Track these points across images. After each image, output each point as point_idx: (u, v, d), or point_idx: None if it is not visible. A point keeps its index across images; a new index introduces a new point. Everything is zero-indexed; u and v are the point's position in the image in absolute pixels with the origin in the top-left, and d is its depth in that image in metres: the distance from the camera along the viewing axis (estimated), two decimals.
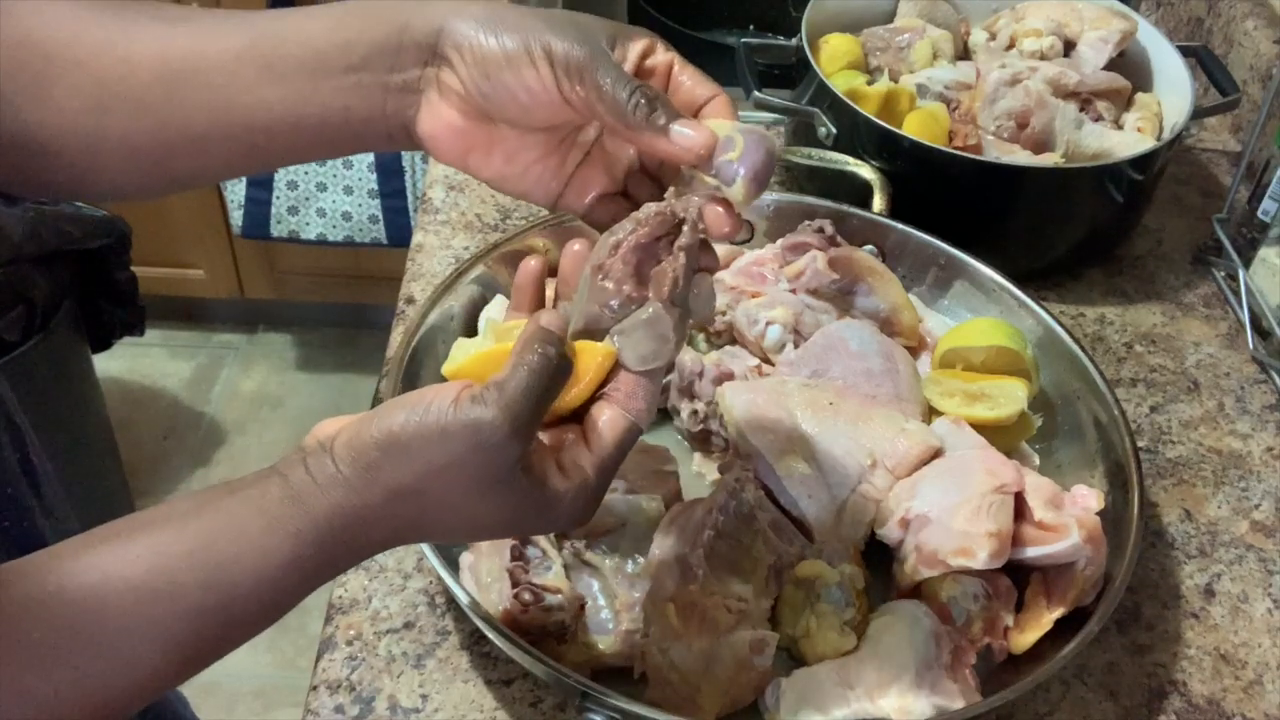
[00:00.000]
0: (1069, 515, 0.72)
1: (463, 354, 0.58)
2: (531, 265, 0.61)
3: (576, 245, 0.58)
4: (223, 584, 0.47)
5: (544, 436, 0.53)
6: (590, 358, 0.53)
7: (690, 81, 0.56)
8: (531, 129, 0.56)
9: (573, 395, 0.53)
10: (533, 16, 0.53)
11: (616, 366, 0.54)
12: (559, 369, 0.50)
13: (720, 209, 0.54)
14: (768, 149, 0.53)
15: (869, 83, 1.07)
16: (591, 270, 0.55)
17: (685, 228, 0.54)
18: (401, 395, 0.50)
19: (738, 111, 0.56)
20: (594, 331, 0.55)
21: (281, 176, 1.88)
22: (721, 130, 0.53)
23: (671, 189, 0.56)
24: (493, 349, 0.55)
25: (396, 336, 0.91)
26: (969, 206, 0.98)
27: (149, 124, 0.54)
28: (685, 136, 0.52)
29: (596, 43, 0.53)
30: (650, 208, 0.55)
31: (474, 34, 0.53)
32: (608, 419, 0.53)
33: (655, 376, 0.54)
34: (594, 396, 0.54)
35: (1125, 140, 1.03)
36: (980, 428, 0.78)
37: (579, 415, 0.54)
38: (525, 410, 0.48)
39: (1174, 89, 1.07)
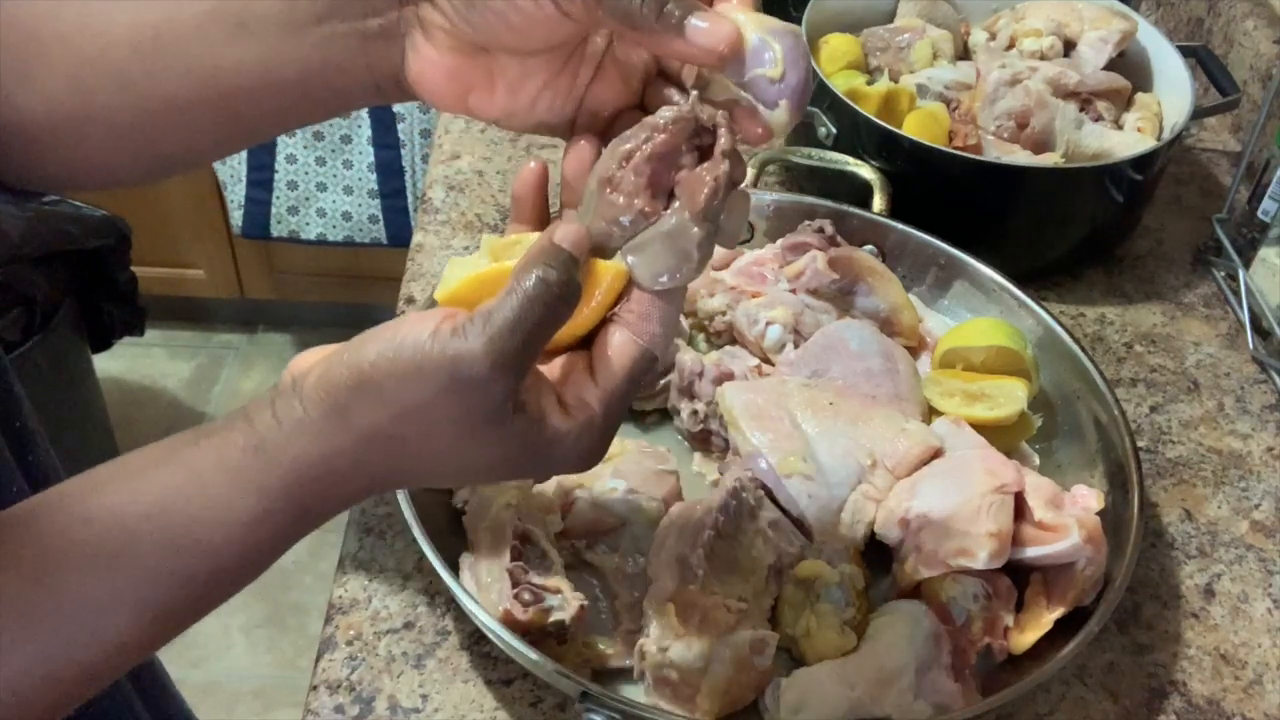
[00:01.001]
0: (1069, 515, 0.72)
1: (456, 276, 0.49)
2: (531, 169, 0.53)
3: (582, 142, 0.52)
4: (186, 544, 0.44)
5: (546, 369, 0.48)
6: (600, 276, 0.47)
7: None
8: (530, 52, 0.50)
9: (580, 319, 0.47)
10: None
11: (630, 287, 0.48)
12: (561, 296, 0.44)
13: (750, 113, 0.48)
14: (807, 58, 0.47)
15: (869, 83, 1.07)
16: (599, 183, 0.49)
17: (722, 132, 0.47)
18: (376, 327, 0.45)
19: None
20: (601, 250, 0.48)
21: (281, 176, 1.88)
22: (747, 27, 0.46)
23: (694, 94, 0.49)
24: (489, 269, 0.48)
25: None
26: (969, 206, 0.98)
27: (132, 99, 0.52)
28: (704, 32, 0.45)
29: None
30: (666, 112, 0.48)
31: None
32: (617, 344, 0.47)
33: (673, 298, 0.48)
34: (604, 320, 0.48)
35: (1125, 140, 1.03)
36: (980, 428, 0.78)
37: (587, 342, 0.48)
38: (513, 344, 0.43)
39: (1174, 89, 1.07)
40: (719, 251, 0.72)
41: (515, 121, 0.53)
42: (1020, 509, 0.72)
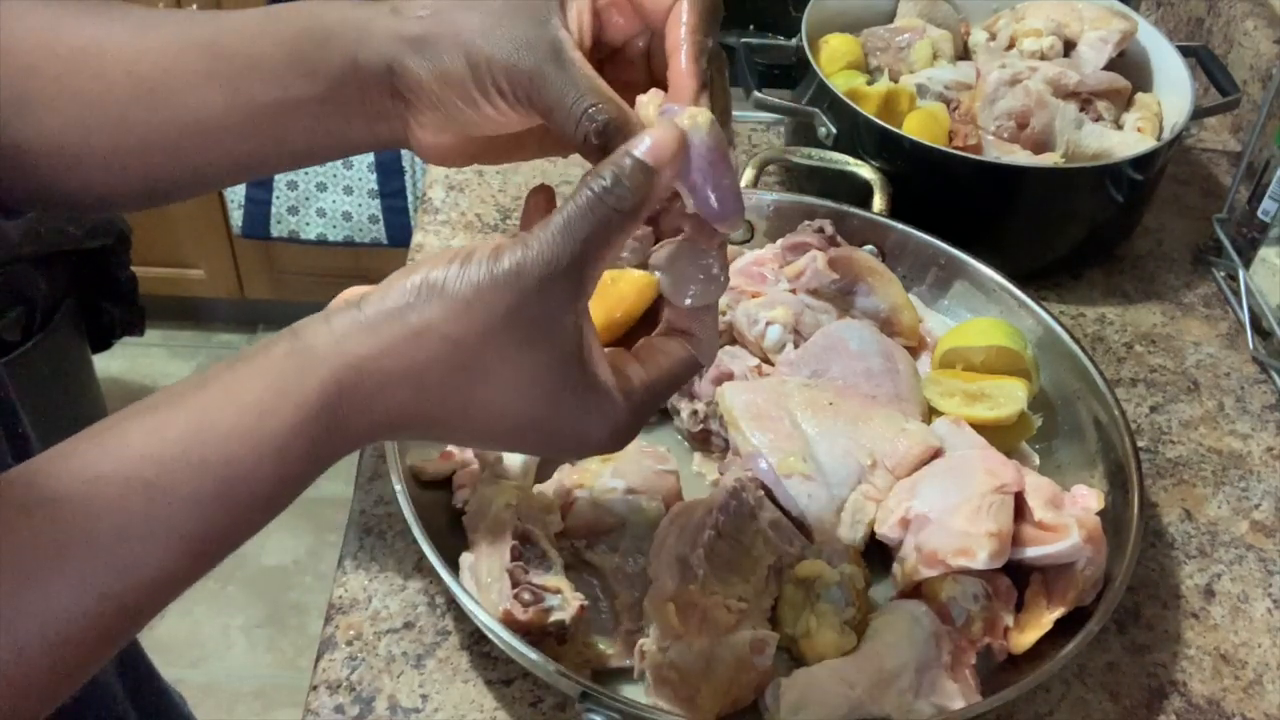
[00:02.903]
0: (1069, 515, 0.72)
1: None
2: (536, 192, 0.54)
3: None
4: (219, 463, 0.43)
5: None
6: (630, 283, 0.50)
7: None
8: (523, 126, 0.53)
9: (612, 323, 0.50)
10: (469, 19, 0.49)
11: (660, 298, 0.50)
12: (618, 208, 0.44)
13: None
14: (713, 148, 0.47)
15: (869, 83, 1.07)
16: None
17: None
18: (439, 251, 0.45)
19: (699, 39, 0.49)
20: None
21: (281, 176, 1.88)
22: (682, 124, 0.47)
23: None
24: None
25: None
26: (969, 206, 0.98)
27: (132, 143, 0.53)
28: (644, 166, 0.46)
29: (541, 39, 0.48)
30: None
31: (421, 74, 0.50)
32: (669, 345, 0.49)
33: (709, 314, 0.50)
34: (643, 324, 0.51)
35: (1125, 140, 1.03)
36: (980, 428, 0.78)
37: (624, 344, 0.51)
38: (569, 247, 0.43)
39: (1174, 89, 1.07)
40: None
41: (525, 158, 0.56)
42: (1020, 509, 0.72)
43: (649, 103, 0.49)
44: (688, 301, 0.49)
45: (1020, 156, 1.01)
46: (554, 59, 0.48)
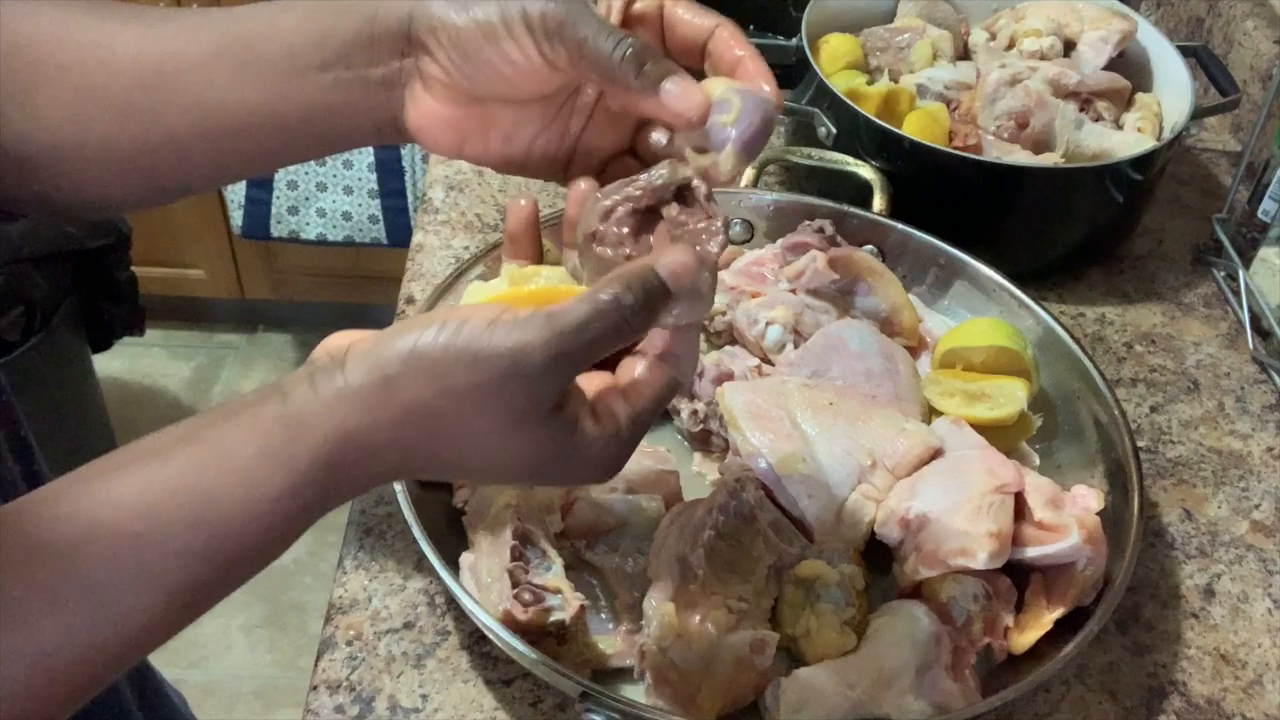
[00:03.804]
0: (1069, 515, 0.72)
1: (474, 297, 0.53)
2: (522, 206, 0.56)
3: (582, 184, 0.55)
4: (211, 521, 0.43)
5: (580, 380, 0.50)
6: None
7: (688, 15, 0.52)
8: (524, 102, 0.53)
9: None
10: None
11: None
12: (631, 322, 0.46)
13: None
14: (765, 115, 0.50)
15: (869, 83, 1.07)
16: (584, 239, 0.51)
17: (697, 183, 0.51)
18: (430, 311, 0.46)
19: (748, 42, 0.52)
20: None
21: (281, 176, 1.88)
22: (716, 90, 0.49)
23: (668, 162, 0.52)
24: (507, 293, 0.51)
25: None
26: (969, 206, 0.98)
27: (132, 130, 0.52)
28: (675, 97, 0.48)
29: None
30: (638, 179, 0.51)
31: (444, 12, 0.50)
32: (647, 370, 0.50)
33: (693, 332, 0.51)
34: (635, 350, 0.51)
35: (1125, 140, 1.03)
36: (980, 428, 0.78)
37: (604, 364, 0.51)
38: (575, 347, 0.44)
39: (1174, 89, 1.07)
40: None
41: (510, 168, 0.56)
42: (1020, 509, 0.72)
43: (717, 81, 0.50)
44: (678, 320, 0.49)
45: (1020, 156, 1.01)
46: (585, 4, 0.49)
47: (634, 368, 0.50)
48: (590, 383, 0.50)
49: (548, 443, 0.47)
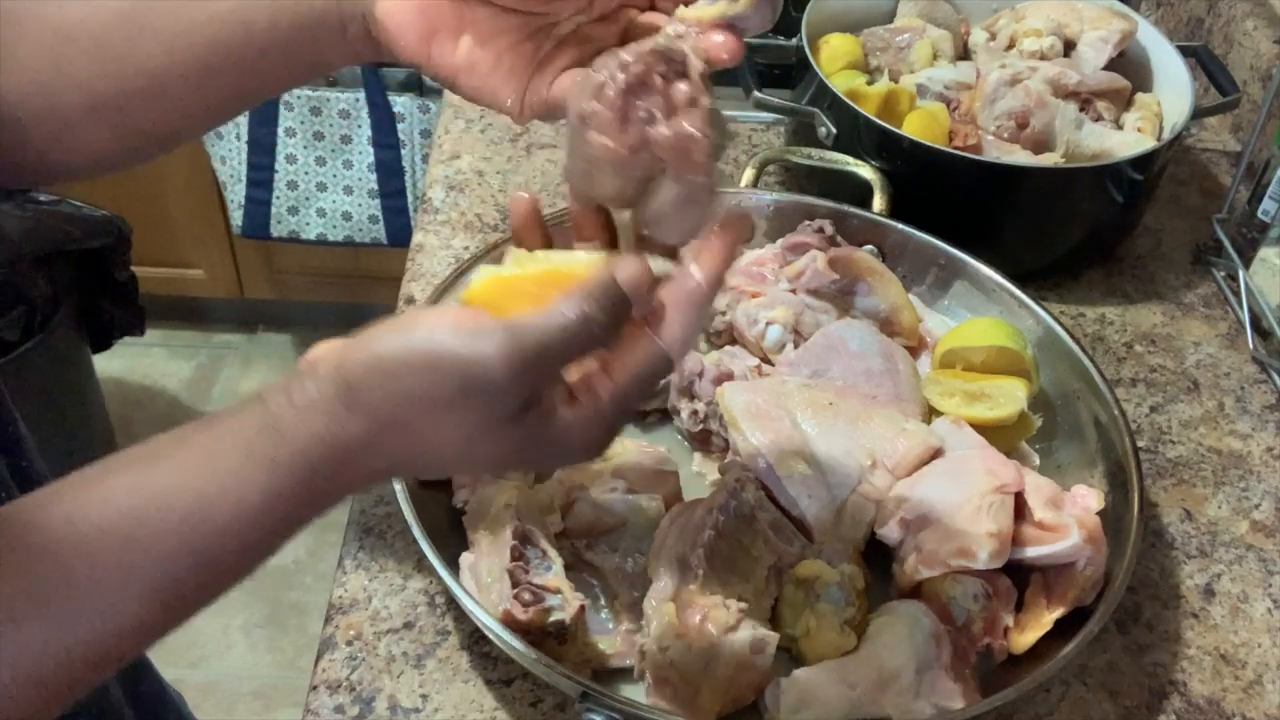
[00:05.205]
0: (1069, 515, 0.72)
1: (481, 279, 0.52)
2: (523, 200, 0.54)
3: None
4: (197, 524, 0.44)
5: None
6: (584, 268, 0.48)
7: None
8: (505, 8, 0.51)
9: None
10: None
11: (654, 289, 0.48)
12: (597, 337, 0.45)
13: (719, 35, 0.48)
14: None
15: (869, 83, 1.07)
16: (576, 118, 0.49)
17: (690, 60, 0.48)
18: (393, 317, 0.46)
19: None
20: (585, 196, 0.49)
21: (281, 176, 1.88)
22: None
23: (665, 29, 0.50)
24: (514, 275, 0.50)
25: None
26: (969, 206, 0.98)
27: (109, 67, 0.53)
28: None
29: None
30: (636, 45, 0.48)
31: None
32: (638, 343, 0.48)
33: (700, 311, 0.49)
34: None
35: (1125, 140, 1.03)
36: (980, 428, 0.78)
37: None
38: (535, 362, 0.44)
39: (1174, 89, 1.07)
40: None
41: (474, 79, 0.53)
42: (1020, 509, 0.72)
43: None
44: (691, 235, 0.47)
45: (1020, 156, 1.01)
46: None
47: (626, 339, 0.49)
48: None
49: (520, 439, 0.47)
